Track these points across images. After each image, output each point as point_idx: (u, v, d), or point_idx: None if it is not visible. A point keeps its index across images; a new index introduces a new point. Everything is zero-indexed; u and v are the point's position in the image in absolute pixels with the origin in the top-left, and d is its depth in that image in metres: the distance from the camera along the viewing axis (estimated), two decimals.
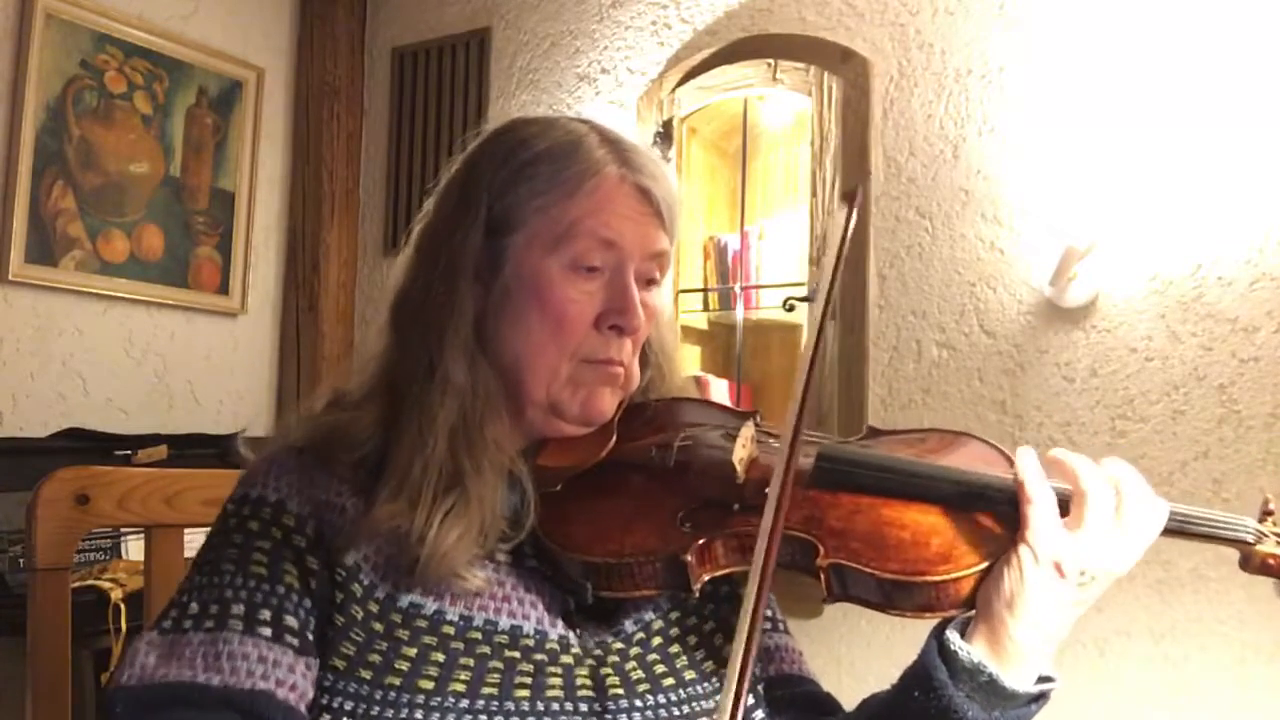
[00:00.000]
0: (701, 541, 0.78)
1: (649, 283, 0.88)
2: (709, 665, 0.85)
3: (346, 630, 0.76)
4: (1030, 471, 0.75)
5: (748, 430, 0.86)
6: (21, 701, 0.97)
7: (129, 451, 2.41)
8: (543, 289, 0.83)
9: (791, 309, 2.40)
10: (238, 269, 2.96)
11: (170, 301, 2.81)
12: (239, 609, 0.75)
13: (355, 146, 3.13)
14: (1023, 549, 0.72)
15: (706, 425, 0.90)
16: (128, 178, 2.71)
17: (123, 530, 2.20)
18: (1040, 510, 0.73)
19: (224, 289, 2.94)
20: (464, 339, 0.83)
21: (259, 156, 3.01)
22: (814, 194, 2.38)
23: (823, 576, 0.76)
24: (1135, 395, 1.97)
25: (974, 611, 0.75)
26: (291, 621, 0.75)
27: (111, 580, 2.05)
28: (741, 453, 0.83)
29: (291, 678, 0.73)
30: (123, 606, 1.97)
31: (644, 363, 0.93)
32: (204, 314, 2.90)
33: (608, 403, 0.87)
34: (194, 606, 0.76)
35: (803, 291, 2.41)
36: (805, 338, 0.77)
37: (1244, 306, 1.88)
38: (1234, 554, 0.79)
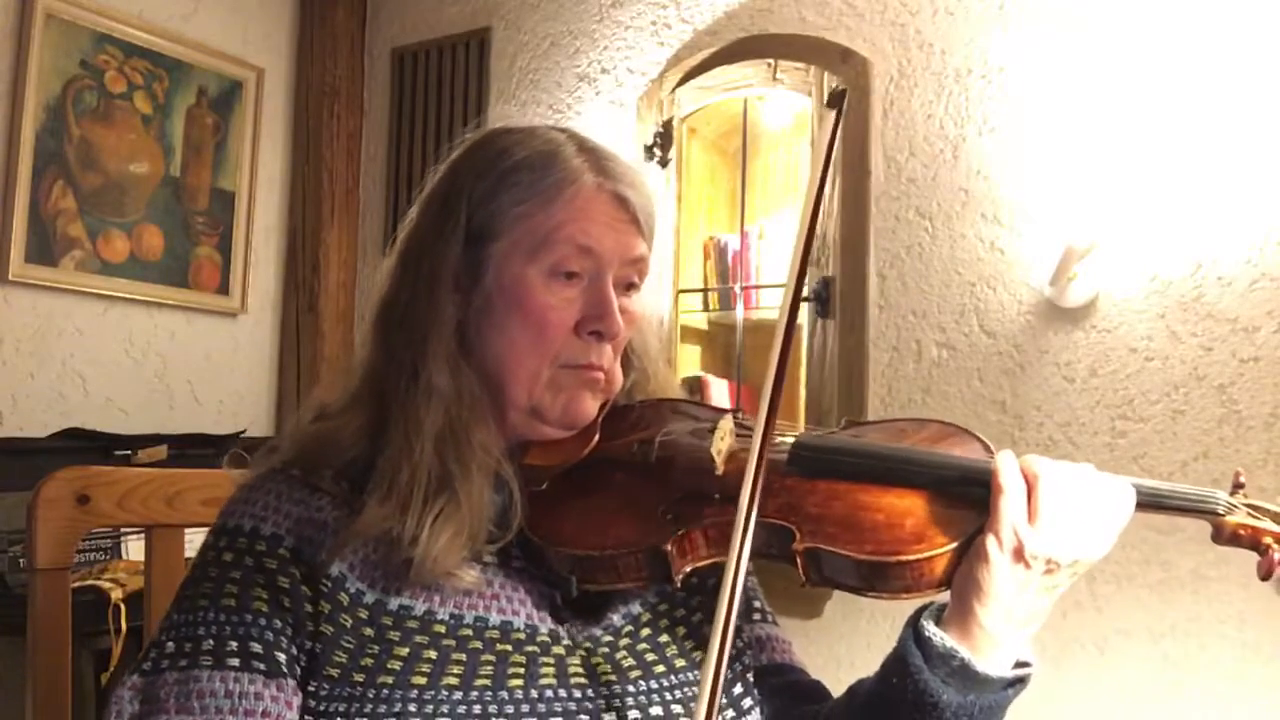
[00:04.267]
0: (682, 532, 0.80)
1: (628, 288, 0.90)
2: (698, 654, 0.87)
3: (337, 640, 0.77)
4: (1006, 463, 0.76)
5: (726, 423, 0.87)
6: (21, 701, 0.97)
7: (129, 451, 2.41)
8: (523, 296, 0.85)
9: None
10: (238, 269, 2.96)
11: (170, 301, 2.81)
12: (209, 644, 0.76)
13: (355, 146, 3.13)
14: (989, 538, 0.74)
15: (687, 421, 0.92)
16: (128, 178, 2.71)
17: (123, 530, 2.20)
18: (1008, 500, 0.74)
19: (224, 289, 2.94)
20: (447, 346, 0.85)
21: (259, 156, 3.01)
22: None
23: (799, 560, 0.77)
24: (1135, 395, 1.97)
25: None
26: (256, 647, 0.76)
27: (111, 580, 2.05)
28: (720, 444, 0.84)
29: (260, 705, 0.74)
30: (123, 606, 1.97)
31: (627, 366, 0.94)
32: (204, 314, 2.90)
33: (589, 406, 0.89)
34: (170, 645, 0.77)
35: (803, 291, 2.40)
36: (782, 303, 0.83)
37: (1244, 306, 1.88)
38: (1212, 534, 0.81)
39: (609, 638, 0.84)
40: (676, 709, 0.81)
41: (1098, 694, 1.96)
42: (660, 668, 0.84)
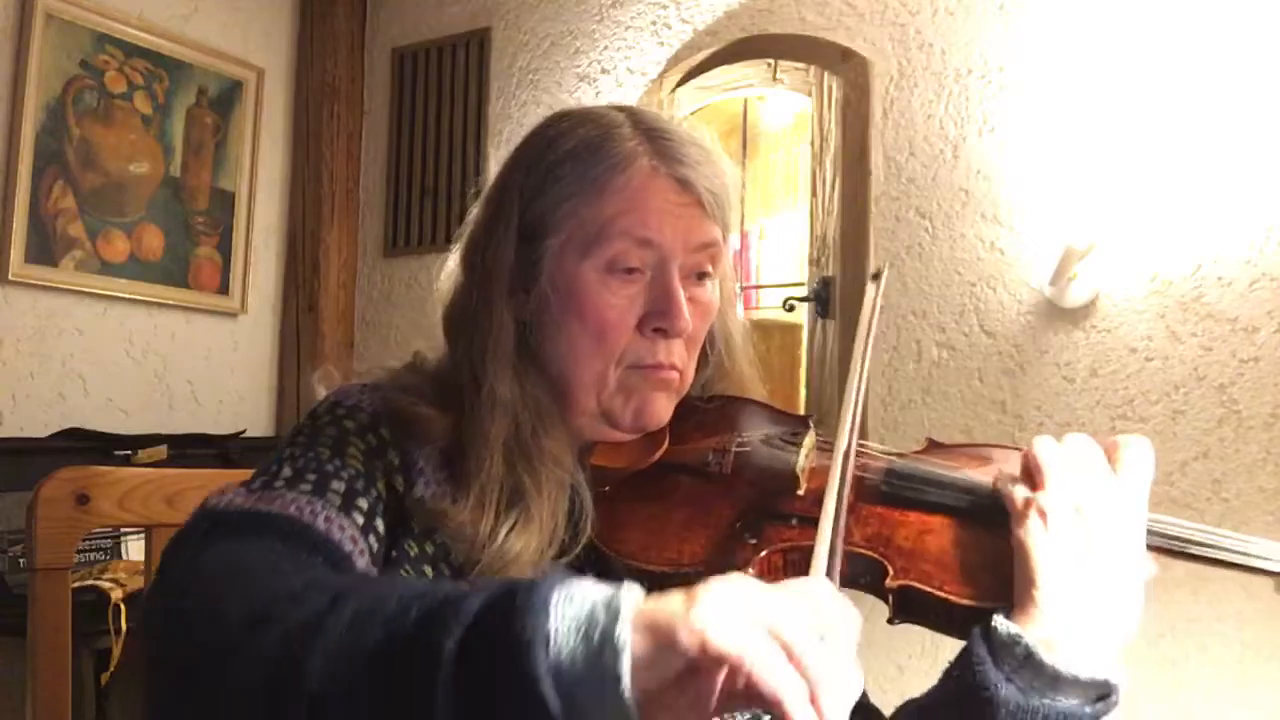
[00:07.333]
0: (764, 554, 0.76)
1: (700, 276, 0.84)
2: None
3: (397, 566, 0.75)
4: (1007, 492, 0.75)
5: (810, 439, 0.83)
6: (21, 701, 0.97)
7: (129, 451, 2.41)
8: (579, 296, 0.80)
9: (791, 309, 2.40)
10: (238, 269, 2.96)
11: (170, 301, 2.80)
12: (339, 486, 0.73)
13: (355, 146, 3.13)
14: (1014, 526, 0.71)
15: (762, 430, 0.86)
16: (128, 178, 2.71)
17: (123, 530, 2.20)
18: (1016, 493, 0.73)
19: (224, 289, 2.93)
20: (507, 353, 0.81)
21: (259, 156, 3.01)
22: (814, 194, 2.38)
23: (891, 598, 0.73)
24: (1135, 395, 1.97)
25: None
26: (380, 526, 0.75)
27: (111, 580, 2.05)
28: (805, 462, 0.80)
29: (355, 547, 0.72)
30: (123, 606, 1.97)
31: (703, 357, 0.88)
32: (204, 314, 2.90)
33: (662, 408, 0.84)
34: (288, 470, 0.74)
35: (802, 291, 2.41)
36: (850, 375, 0.79)
37: (1244, 306, 1.88)
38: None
39: None
40: None
41: None
42: None
